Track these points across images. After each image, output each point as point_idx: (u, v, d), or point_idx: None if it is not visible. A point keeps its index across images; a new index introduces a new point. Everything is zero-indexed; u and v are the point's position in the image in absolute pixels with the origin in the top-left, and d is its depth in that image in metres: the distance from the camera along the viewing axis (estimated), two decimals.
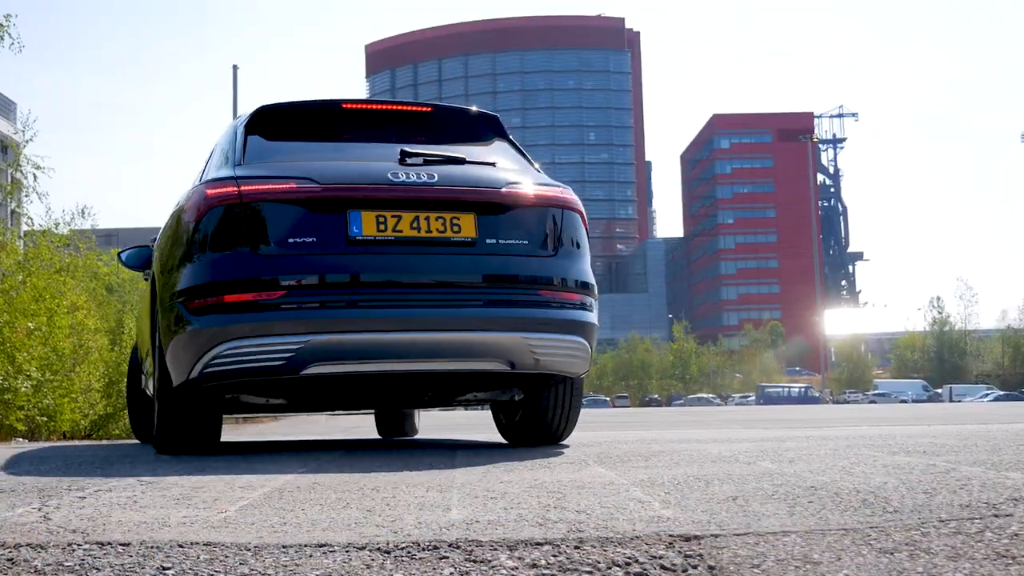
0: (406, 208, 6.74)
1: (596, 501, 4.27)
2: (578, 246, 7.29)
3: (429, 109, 8.01)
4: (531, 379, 7.39)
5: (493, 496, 4.49)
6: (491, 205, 6.97)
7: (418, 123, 7.94)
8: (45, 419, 15.84)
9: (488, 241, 6.87)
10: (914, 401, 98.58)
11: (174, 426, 7.33)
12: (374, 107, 7.98)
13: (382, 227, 6.67)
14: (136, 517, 3.99)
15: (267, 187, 6.69)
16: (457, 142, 7.69)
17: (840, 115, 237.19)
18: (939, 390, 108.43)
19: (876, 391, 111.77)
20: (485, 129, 8.10)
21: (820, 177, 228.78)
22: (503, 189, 7.05)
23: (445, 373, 6.93)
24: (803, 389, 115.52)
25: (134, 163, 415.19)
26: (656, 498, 4.34)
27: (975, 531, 3.46)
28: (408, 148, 7.15)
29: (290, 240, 6.57)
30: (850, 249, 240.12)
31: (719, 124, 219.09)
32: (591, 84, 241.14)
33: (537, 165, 7.82)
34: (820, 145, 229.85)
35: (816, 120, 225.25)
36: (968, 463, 5.62)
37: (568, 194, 7.40)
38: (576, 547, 3.34)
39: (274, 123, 7.68)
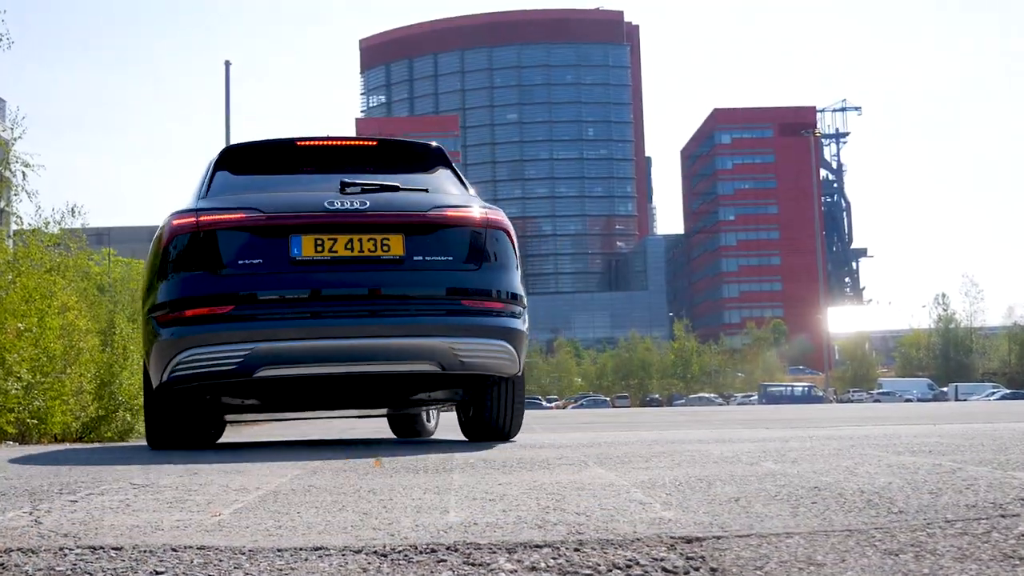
0: (341, 232, 7.87)
1: (596, 503, 4.28)
2: (503, 261, 8.28)
3: (375, 143, 9.09)
4: (467, 380, 8.42)
5: (491, 498, 4.50)
6: (418, 226, 8.03)
7: (366, 156, 9.07)
8: (35, 422, 15.82)
9: (415, 258, 7.93)
10: (919, 400, 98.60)
11: (161, 423, 8.63)
12: (326, 143, 9.02)
13: (319, 248, 7.83)
14: (129, 521, 3.99)
15: (220, 217, 7.89)
16: (401, 171, 8.73)
17: (843, 109, 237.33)
18: (944, 388, 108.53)
19: (881, 390, 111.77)
20: (428, 159, 9.07)
21: (823, 172, 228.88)
22: (429, 212, 8.10)
23: (384, 375, 8.00)
24: (806, 388, 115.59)
25: (125, 161, 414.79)
26: (657, 499, 4.34)
27: (982, 532, 3.47)
28: (347, 179, 8.25)
29: (240, 262, 7.79)
30: (854, 245, 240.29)
31: (720, 119, 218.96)
32: (590, 79, 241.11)
33: (473, 191, 8.95)
34: (823, 140, 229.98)
35: (819, 114, 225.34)
36: (974, 463, 5.63)
37: (494, 215, 8.38)
38: (576, 549, 3.34)
39: (238, 160, 8.89)
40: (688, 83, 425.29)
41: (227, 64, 37.83)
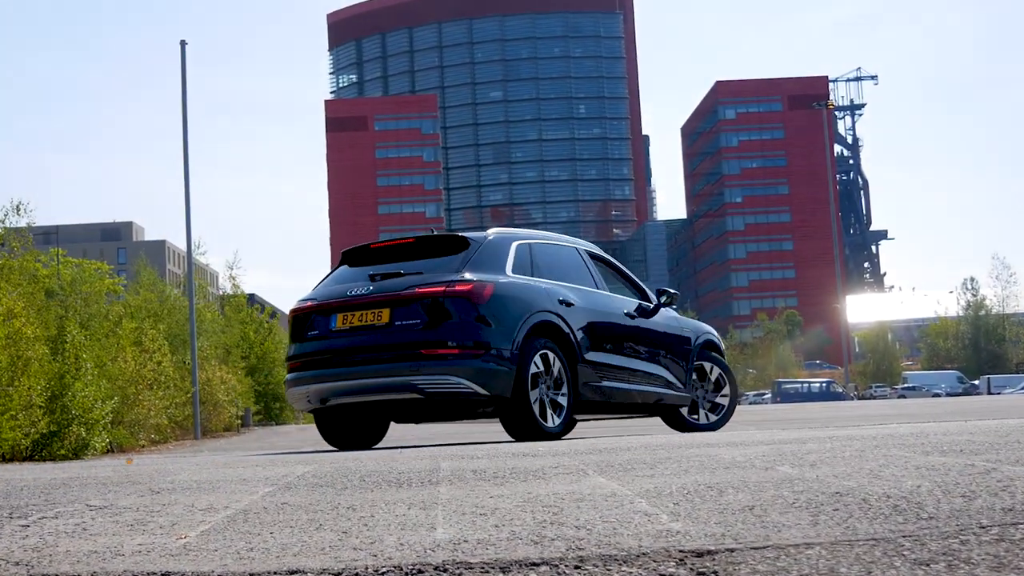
0: (355, 309, 12.83)
1: (597, 515, 4.28)
2: (462, 318, 12.43)
3: (412, 240, 13.70)
4: (447, 402, 12.80)
5: (483, 512, 4.50)
6: (398, 300, 12.61)
7: (405, 249, 13.61)
8: None
9: (396, 323, 12.56)
10: (948, 394, 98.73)
11: (321, 429, 14.22)
12: (383, 244, 13.90)
13: (345, 322, 12.91)
14: (86, 546, 3.98)
15: (301, 306, 13.42)
16: (424, 258, 13.25)
17: (858, 78, 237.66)
18: (976, 381, 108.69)
19: (906, 384, 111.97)
20: (450, 246, 13.39)
21: (837, 148, 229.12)
22: (403, 291, 12.60)
23: (398, 401, 12.79)
24: (824, 384, 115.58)
25: (72, 152, 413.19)
26: (664, 510, 4.34)
27: (1020, 537, 3.47)
28: (372, 271, 13.18)
29: (307, 334, 13.27)
30: (873, 227, 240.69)
31: (723, 92, 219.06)
32: (580, 51, 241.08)
33: (467, 274, 12.76)
34: (836, 112, 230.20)
35: (831, 85, 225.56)
36: (1010, 462, 5.63)
37: (456, 287, 12.49)
38: (576, 567, 3.34)
39: (345, 257, 14.12)
40: (688, 53, 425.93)
41: (183, 44, 37.69)
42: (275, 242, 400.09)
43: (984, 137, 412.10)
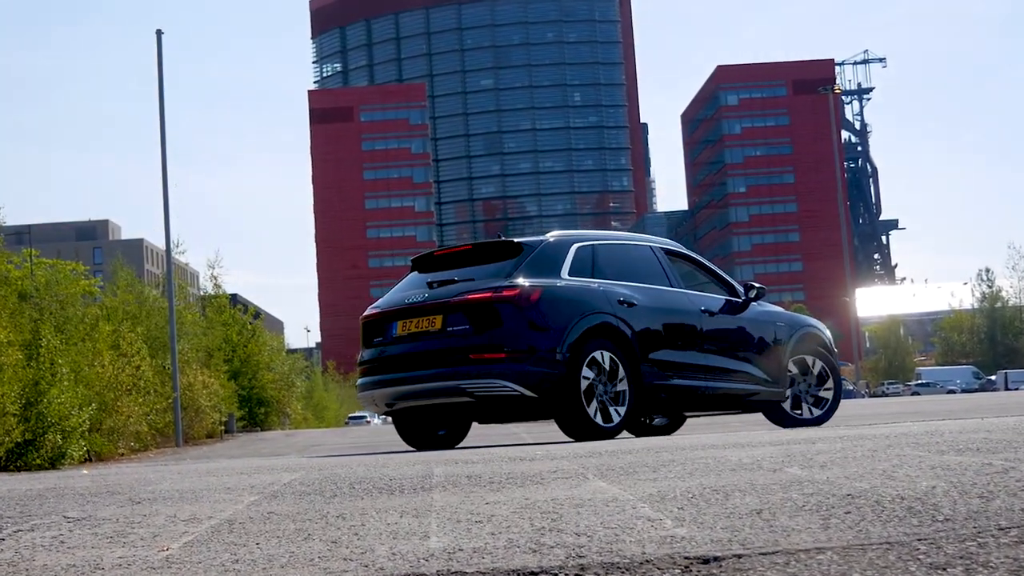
0: (413, 316, 13.82)
1: (598, 521, 4.28)
2: (509, 324, 13.21)
3: (470, 247, 14.77)
4: (491, 403, 13.64)
5: (478, 519, 4.50)
6: (449, 307, 13.51)
7: (463, 256, 14.61)
8: None
9: (448, 329, 13.48)
10: (964, 390, 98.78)
11: (399, 430, 15.24)
12: (445, 252, 14.85)
13: (404, 328, 13.90)
14: (63, 560, 3.98)
15: (371, 313, 14.54)
16: (480, 264, 14.17)
17: (865, 61, 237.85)
18: (992, 377, 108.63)
19: (919, 380, 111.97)
20: (505, 252, 14.15)
21: (844, 134, 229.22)
22: (454, 298, 13.53)
23: (455, 403, 13.70)
24: None
25: (45, 147, 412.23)
26: (668, 515, 4.35)
27: None
28: (432, 278, 14.15)
29: (374, 340, 14.37)
30: (883, 217, 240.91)
31: (724, 77, 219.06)
32: (574, 36, 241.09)
33: (520, 278, 13.57)
34: (843, 97, 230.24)
35: (837, 68, 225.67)
36: None
37: (503, 292, 13.34)
38: (577, 575, 3.34)
39: (414, 266, 15.03)
40: (687, 37, 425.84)
41: (159, 34, 37.59)
42: (258, 239, 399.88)
43: (999, 121, 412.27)
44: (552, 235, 14.62)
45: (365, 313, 14.78)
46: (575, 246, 14.38)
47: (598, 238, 15.07)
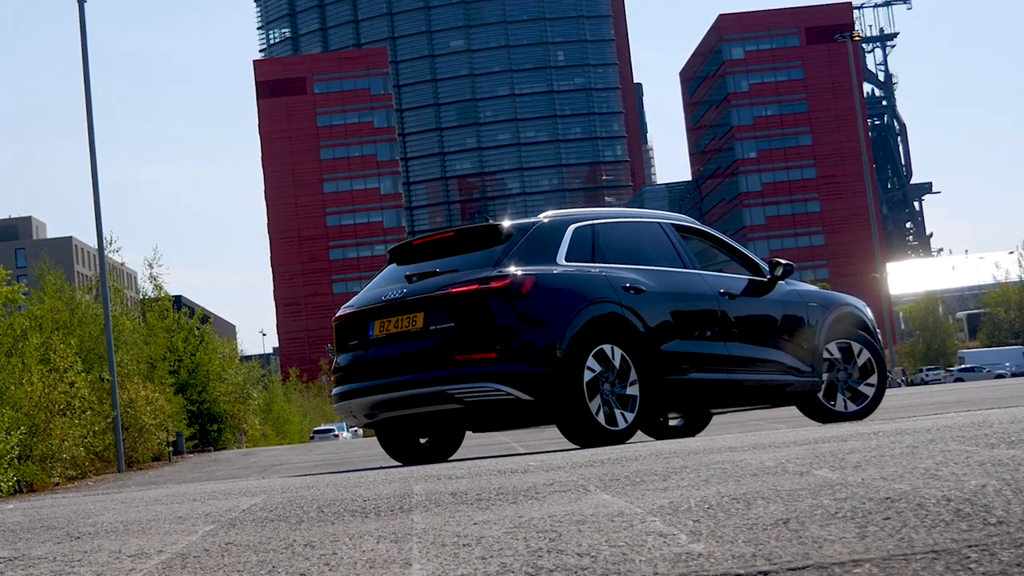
0: (390, 314, 13.62)
1: (603, 539, 4.28)
2: (495, 318, 13.03)
3: (452, 233, 14.54)
4: (481, 407, 13.39)
5: (466, 542, 4.50)
6: (430, 302, 13.31)
7: (446, 243, 14.43)
8: None
9: (431, 328, 13.26)
10: (1013, 374, 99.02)
11: (382, 443, 15.16)
12: (425, 240, 14.72)
13: (381, 329, 13.70)
14: None
15: (342, 314, 14.39)
16: (465, 252, 13.98)
17: (887, 3, 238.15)
18: None
19: (963, 365, 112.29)
20: (492, 237, 13.97)
21: (867, 88, 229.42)
22: (435, 292, 13.33)
23: (442, 411, 13.47)
24: None
25: None
26: (682, 529, 4.35)
27: None
28: (411, 271, 14.00)
29: (349, 343, 14.24)
30: (914, 180, 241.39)
31: (728, 27, 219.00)
32: None
33: (510, 267, 13.43)
34: (864, 45, 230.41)
35: (856, 12, 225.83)
36: None
37: (491, 284, 13.13)
38: None
39: (391, 255, 15.00)
40: None
41: (80, 1, 37.57)
42: (204, 233, 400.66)
43: None
44: (546, 216, 14.45)
45: (338, 314, 14.59)
46: (572, 227, 14.19)
47: (598, 216, 14.85)
